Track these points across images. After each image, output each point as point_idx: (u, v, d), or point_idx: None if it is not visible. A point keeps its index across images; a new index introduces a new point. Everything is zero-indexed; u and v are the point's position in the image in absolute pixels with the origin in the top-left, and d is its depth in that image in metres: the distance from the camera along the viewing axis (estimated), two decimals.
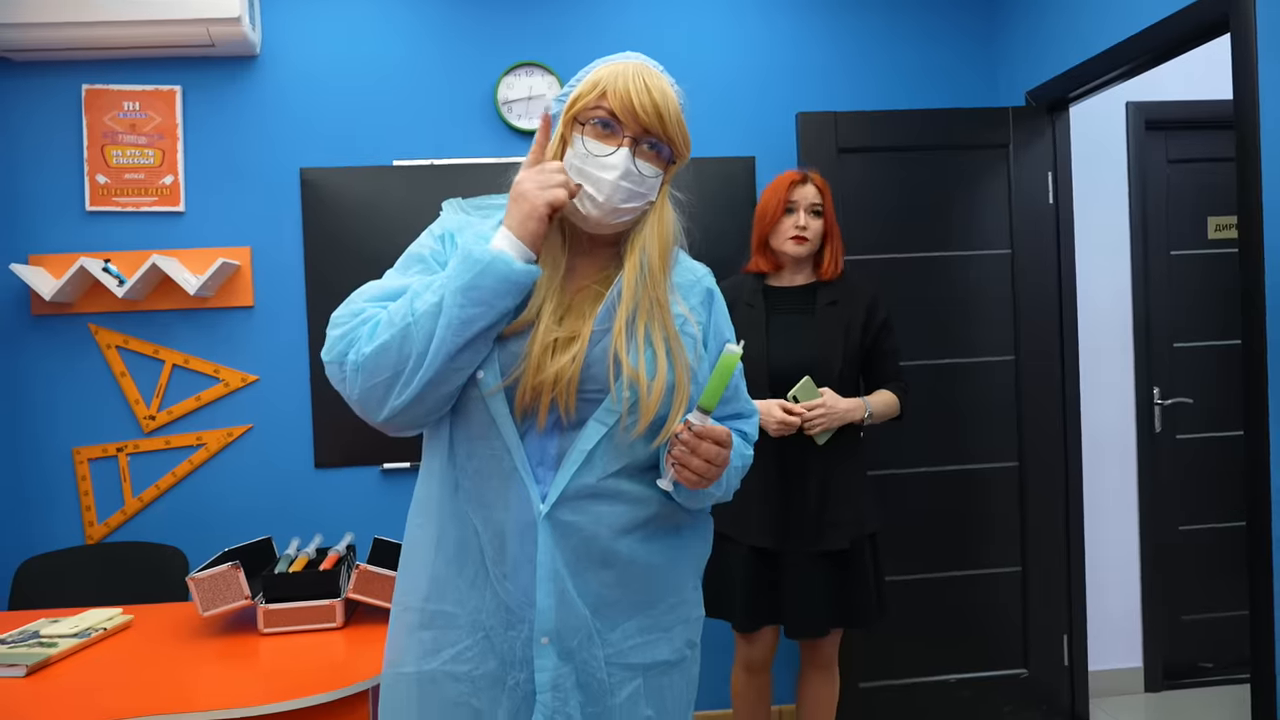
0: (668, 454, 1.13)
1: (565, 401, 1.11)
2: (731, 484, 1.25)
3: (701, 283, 1.26)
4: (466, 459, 1.14)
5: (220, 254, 2.78)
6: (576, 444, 1.12)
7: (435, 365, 1.06)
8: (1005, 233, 2.82)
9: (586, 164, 1.12)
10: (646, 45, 2.96)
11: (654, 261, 1.16)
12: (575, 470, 1.11)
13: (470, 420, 1.13)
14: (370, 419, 1.12)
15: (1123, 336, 3.12)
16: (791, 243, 2.17)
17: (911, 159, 2.80)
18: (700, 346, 1.21)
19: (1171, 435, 3.16)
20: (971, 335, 2.83)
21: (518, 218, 1.09)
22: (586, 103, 1.14)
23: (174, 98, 2.80)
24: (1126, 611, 3.13)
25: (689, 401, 1.15)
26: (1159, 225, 3.17)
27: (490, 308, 1.06)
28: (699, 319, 1.22)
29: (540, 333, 1.11)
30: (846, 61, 3.01)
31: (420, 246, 1.19)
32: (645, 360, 1.13)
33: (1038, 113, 2.81)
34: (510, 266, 1.07)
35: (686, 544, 1.25)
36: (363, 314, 1.12)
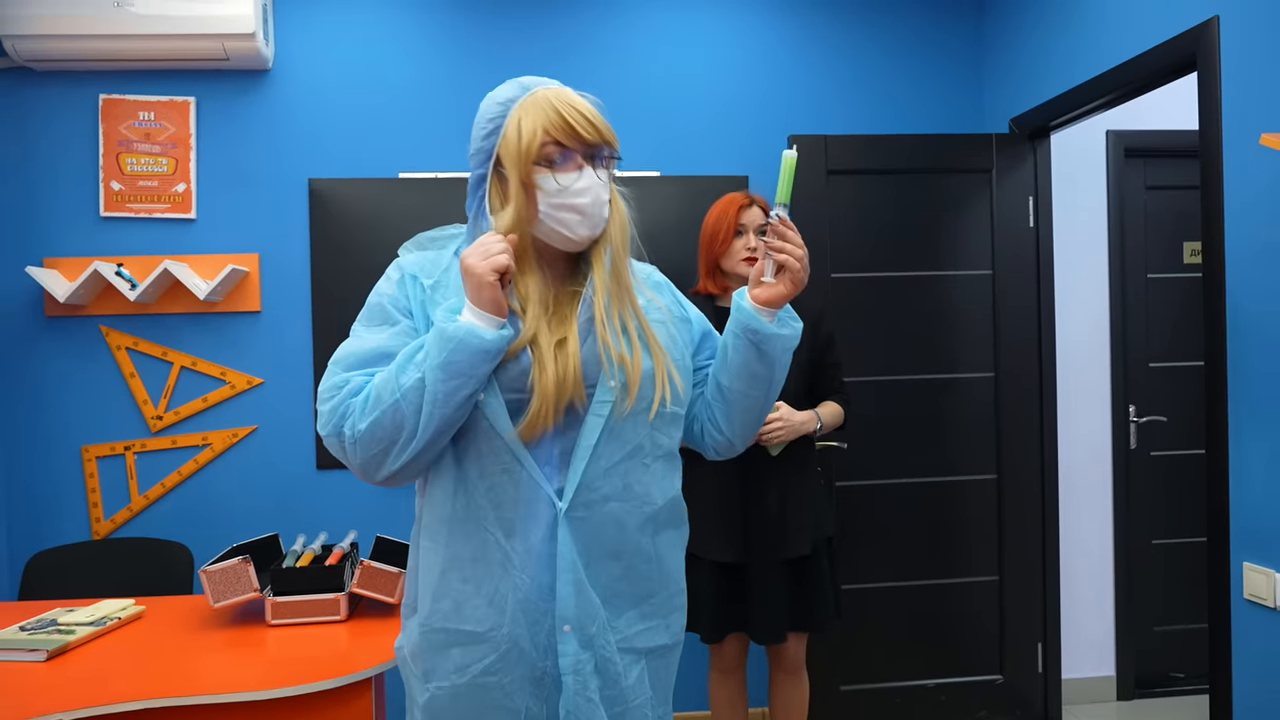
0: (763, 252, 1.23)
1: (580, 398, 1.19)
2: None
3: (651, 278, 1.35)
4: (479, 478, 1.20)
5: (230, 260, 2.87)
6: (580, 440, 1.20)
7: (428, 433, 1.15)
8: (987, 254, 2.94)
9: (564, 197, 1.19)
10: (647, 65, 3.09)
11: (618, 253, 1.24)
12: (585, 466, 1.20)
13: (478, 442, 1.20)
14: (370, 481, 1.21)
15: (1100, 356, 3.23)
16: (744, 264, 2.23)
17: (898, 181, 2.91)
18: (667, 326, 1.29)
19: (1146, 452, 3.27)
20: (953, 352, 2.94)
21: (472, 291, 1.16)
22: (532, 145, 1.20)
23: (188, 109, 2.90)
24: (1100, 621, 3.24)
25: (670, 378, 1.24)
26: (1136, 249, 3.29)
27: (470, 377, 1.14)
28: (658, 304, 1.30)
29: (543, 348, 1.20)
30: (839, 86, 3.12)
31: (379, 296, 1.24)
32: (625, 345, 1.22)
33: (1020, 139, 2.93)
34: (481, 338, 1.14)
35: (678, 539, 1.34)
36: (348, 384, 1.17)
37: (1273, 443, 1.97)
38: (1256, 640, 2.02)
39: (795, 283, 1.24)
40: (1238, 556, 2.07)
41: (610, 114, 1.27)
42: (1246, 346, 2.03)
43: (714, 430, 1.35)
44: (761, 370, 1.27)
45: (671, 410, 1.26)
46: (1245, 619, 2.05)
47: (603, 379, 1.21)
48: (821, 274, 2.83)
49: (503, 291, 1.17)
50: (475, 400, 1.17)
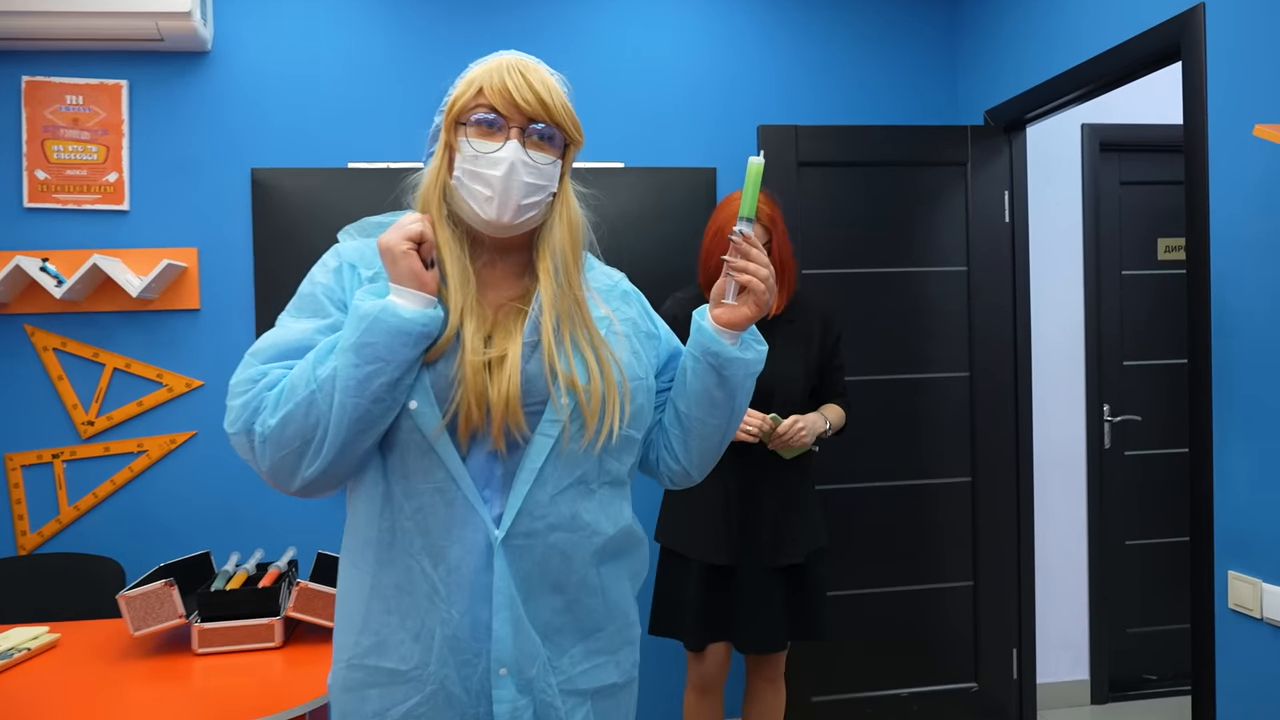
0: (725, 271, 1.13)
1: (515, 422, 1.07)
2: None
3: (619, 286, 1.23)
4: (405, 498, 1.08)
5: (165, 255, 2.69)
6: (525, 462, 1.08)
7: (343, 431, 1.02)
8: (962, 250, 2.85)
9: (477, 165, 1.07)
10: (612, 51, 2.95)
11: (568, 262, 1.13)
12: (528, 490, 1.08)
13: (406, 456, 1.07)
14: (283, 489, 1.07)
15: (1075, 354, 3.16)
16: None
17: (871, 174, 2.81)
18: (630, 341, 1.17)
19: (1120, 451, 3.22)
20: (927, 351, 2.85)
21: (390, 267, 1.05)
22: (465, 103, 1.10)
23: (120, 93, 2.71)
24: (1074, 625, 3.17)
25: (628, 400, 1.12)
26: (1111, 245, 3.23)
27: (387, 363, 1.01)
28: (625, 316, 1.19)
29: (467, 355, 1.07)
30: (810, 73, 3.01)
31: (312, 284, 1.12)
32: (577, 365, 1.10)
33: (995, 132, 2.84)
34: (399, 316, 1.02)
35: (628, 565, 1.22)
36: (264, 378, 1.05)
37: (1260, 445, 1.89)
38: (1241, 651, 1.95)
39: (759, 305, 1.14)
40: (1222, 564, 1.99)
41: (576, 104, 1.16)
42: (1232, 345, 1.96)
43: (669, 459, 1.24)
44: (722, 397, 1.17)
45: (627, 434, 1.14)
46: (1230, 629, 1.97)
47: (556, 396, 1.09)
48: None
49: (428, 268, 1.05)
50: (400, 399, 1.04)
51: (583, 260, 1.18)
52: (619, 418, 1.11)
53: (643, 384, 1.17)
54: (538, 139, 1.10)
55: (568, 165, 1.16)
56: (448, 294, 1.10)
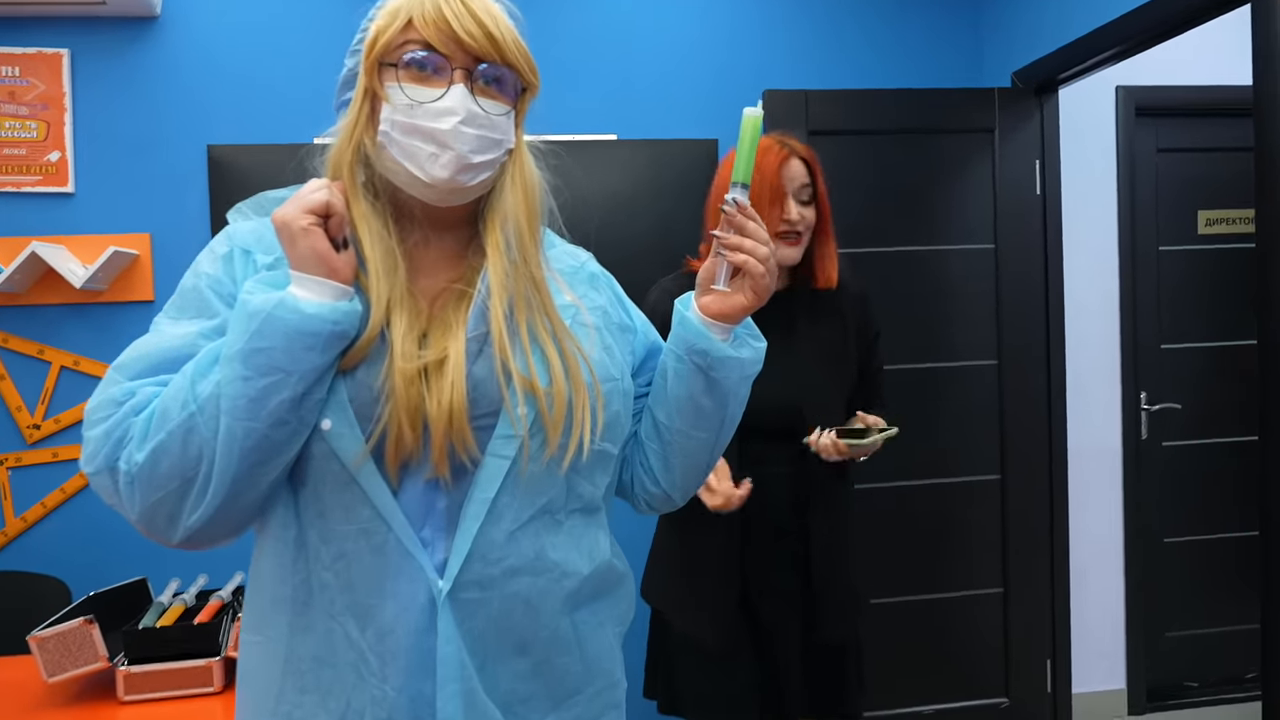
0: (714, 249, 0.93)
1: (461, 441, 0.85)
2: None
3: (585, 268, 1.03)
4: (322, 544, 0.85)
5: (113, 241, 2.45)
6: (474, 492, 0.86)
7: (233, 464, 0.79)
8: (989, 226, 2.60)
9: (414, 117, 0.85)
10: (600, 16, 2.70)
11: (523, 234, 0.91)
12: (479, 527, 0.85)
13: (321, 491, 0.85)
14: (161, 541, 0.83)
15: (1109, 338, 2.92)
16: (782, 245, 1.58)
17: (888, 143, 2.55)
18: (602, 335, 0.96)
19: (1158, 442, 2.98)
20: (952, 338, 2.61)
21: (289, 249, 0.82)
22: (390, 39, 0.86)
23: (60, 63, 2.46)
24: (1110, 630, 2.95)
25: (600, 406, 0.91)
26: (1147, 219, 2.98)
27: (287, 373, 0.78)
28: (593, 304, 0.98)
29: (397, 360, 0.84)
30: (819, 36, 2.75)
31: (195, 276, 0.89)
32: (536, 363, 0.88)
33: (1025, 95, 2.59)
34: (300, 312, 0.79)
35: (610, 608, 0.99)
36: (130, 399, 0.82)
37: None
38: None
39: (757, 291, 0.92)
40: None
41: (562, 69, 0.93)
42: None
43: (646, 479, 1.02)
44: (710, 405, 0.96)
45: (600, 448, 0.92)
46: None
47: (513, 405, 0.86)
48: None
49: (340, 249, 0.82)
50: (308, 419, 0.82)
51: (541, 233, 0.95)
52: (590, 429, 0.89)
53: (617, 386, 0.95)
54: (485, 83, 0.88)
55: (522, 115, 0.94)
56: (368, 282, 0.86)
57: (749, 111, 0.93)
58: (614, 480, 1.00)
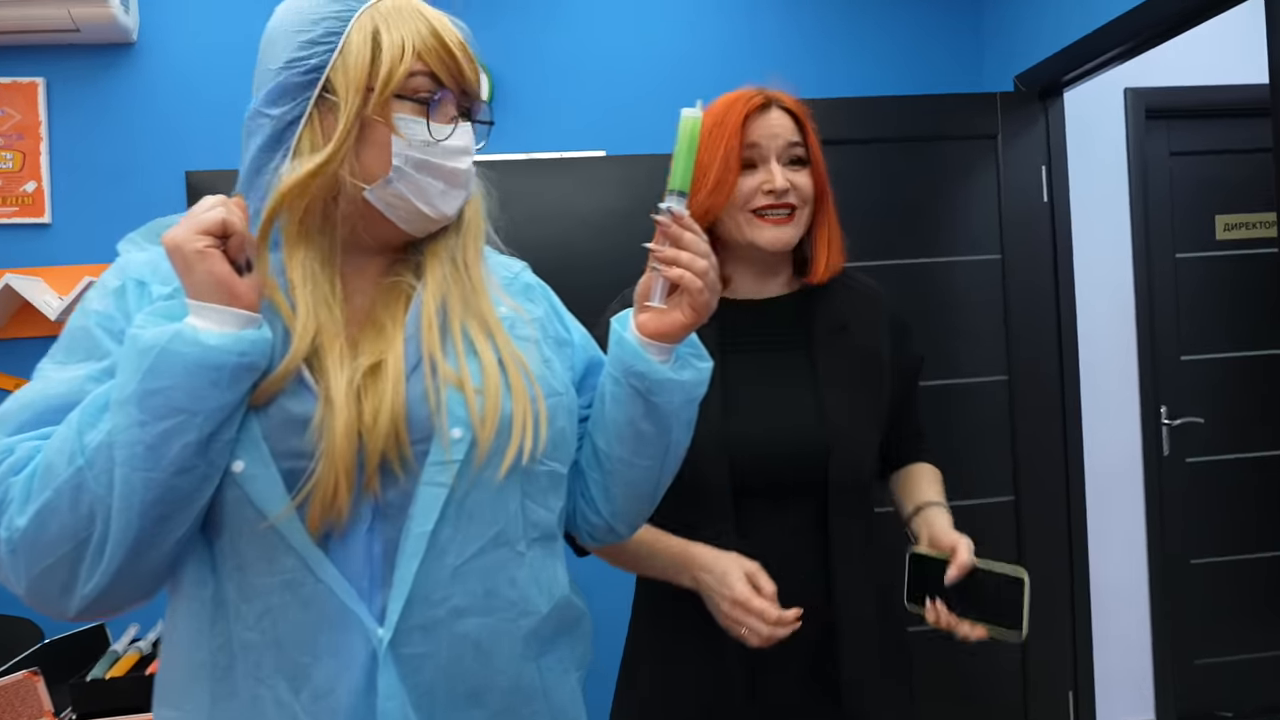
0: (650, 264, 0.87)
1: (399, 456, 0.78)
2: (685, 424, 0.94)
3: (520, 278, 0.97)
4: (243, 600, 0.76)
5: (89, 271, 2.39)
6: (411, 526, 0.77)
7: (133, 522, 0.70)
8: (995, 235, 2.49)
9: (433, 154, 0.82)
10: (590, 28, 2.62)
11: (470, 244, 0.89)
12: (419, 565, 0.77)
13: (238, 540, 0.76)
14: (58, 614, 0.75)
15: (1125, 350, 2.79)
16: (765, 225, 1.17)
17: (886, 152, 2.46)
18: (541, 347, 0.90)
19: (1181, 458, 2.84)
20: (958, 352, 2.49)
21: (184, 275, 0.74)
22: (398, 70, 0.80)
23: (36, 92, 2.41)
24: (1135, 657, 2.80)
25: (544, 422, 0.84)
26: (1162, 225, 2.86)
27: (190, 414, 0.70)
28: (530, 316, 0.93)
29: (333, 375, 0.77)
30: (809, 39, 2.66)
31: (85, 315, 0.80)
32: (470, 371, 0.81)
33: (1029, 98, 2.49)
34: (200, 344, 0.71)
35: (572, 650, 0.91)
36: (9, 457, 0.73)
37: None
38: None
39: (696, 308, 0.86)
40: None
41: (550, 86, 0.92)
42: None
43: (588, 509, 0.96)
44: (651, 430, 0.89)
45: (549, 468, 0.86)
46: None
47: (437, 428, 0.79)
48: None
49: (243, 272, 0.75)
50: (218, 463, 0.74)
51: (482, 243, 0.92)
52: (532, 441, 0.82)
53: (561, 401, 0.89)
54: (472, 114, 0.87)
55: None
56: (288, 308, 0.79)
57: (687, 113, 0.87)
58: (566, 506, 0.93)
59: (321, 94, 0.81)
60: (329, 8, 0.82)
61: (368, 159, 0.81)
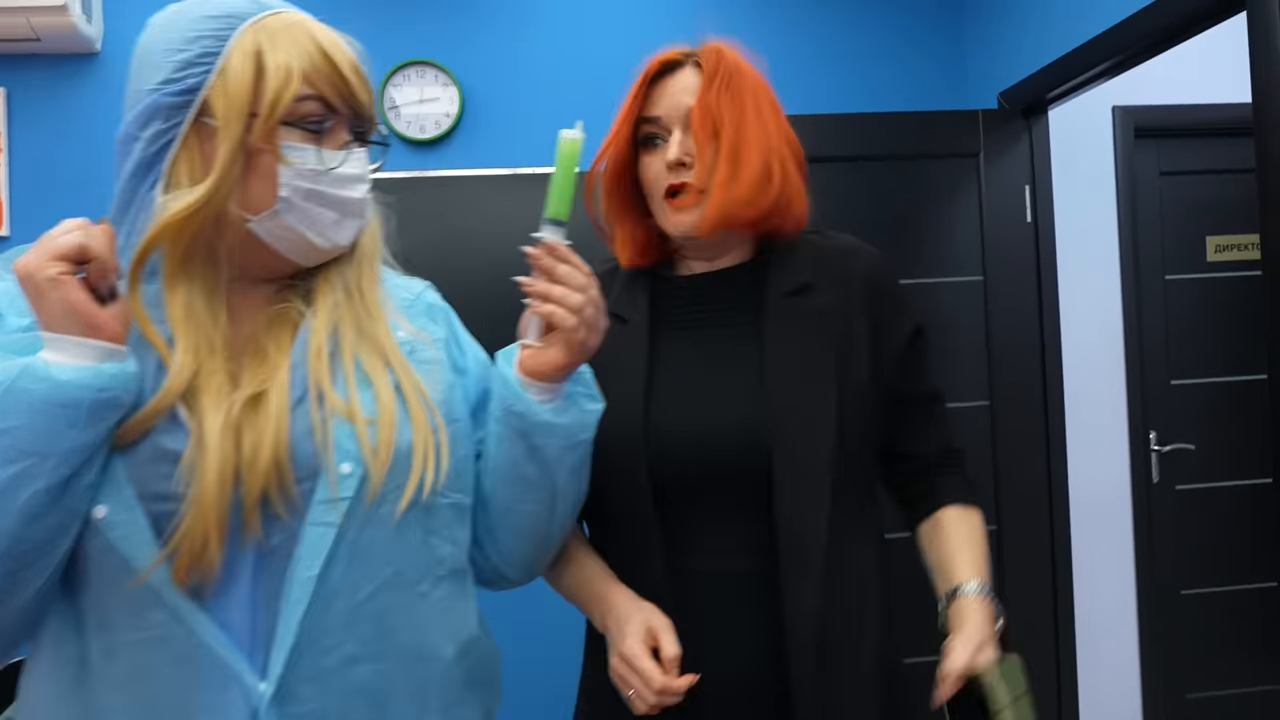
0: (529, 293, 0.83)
1: (283, 496, 0.73)
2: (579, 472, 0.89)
3: (422, 299, 0.93)
4: (109, 660, 0.70)
5: None
6: (295, 571, 0.72)
7: None
8: (977, 255, 2.43)
9: (324, 183, 0.78)
10: (568, 43, 2.57)
11: (366, 270, 0.85)
12: (305, 612, 0.71)
13: (105, 593, 0.71)
14: None
15: (1113, 374, 2.72)
16: (669, 207, 0.98)
17: (866, 170, 2.40)
18: (445, 371, 0.87)
19: (1171, 485, 2.76)
20: (939, 375, 2.41)
21: (36, 305, 0.69)
22: (286, 94, 0.75)
23: None
24: (1124, 691, 2.71)
25: (445, 450, 0.80)
26: (1152, 246, 2.79)
27: (42, 456, 0.65)
28: (435, 337, 0.89)
29: (208, 411, 0.71)
30: (790, 55, 2.61)
31: None
32: (362, 397, 0.77)
33: (1012, 116, 2.43)
34: (49, 379, 0.66)
35: (481, 699, 0.85)
36: None
37: None
38: None
39: (572, 347, 0.81)
40: None
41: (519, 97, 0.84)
42: None
43: (475, 551, 0.91)
44: (535, 473, 0.85)
45: (454, 500, 0.83)
46: None
47: (325, 463, 0.75)
48: None
49: (106, 301, 0.70)
50: (77, 509, 0.68)
51: (379, 267, 0.88)
52: (434, 473, 0.78)
53: (461, 429, 0.85)
54: (363, 138, 0.83)
55: None
56: (160, 338, 0.74)
57: (566, 134, 0.82)
58: (470, 535, 0.88)
59: (199, 118, 0.75)
60: (207, 25, 0.76)
61: (253, 189, 0.76)
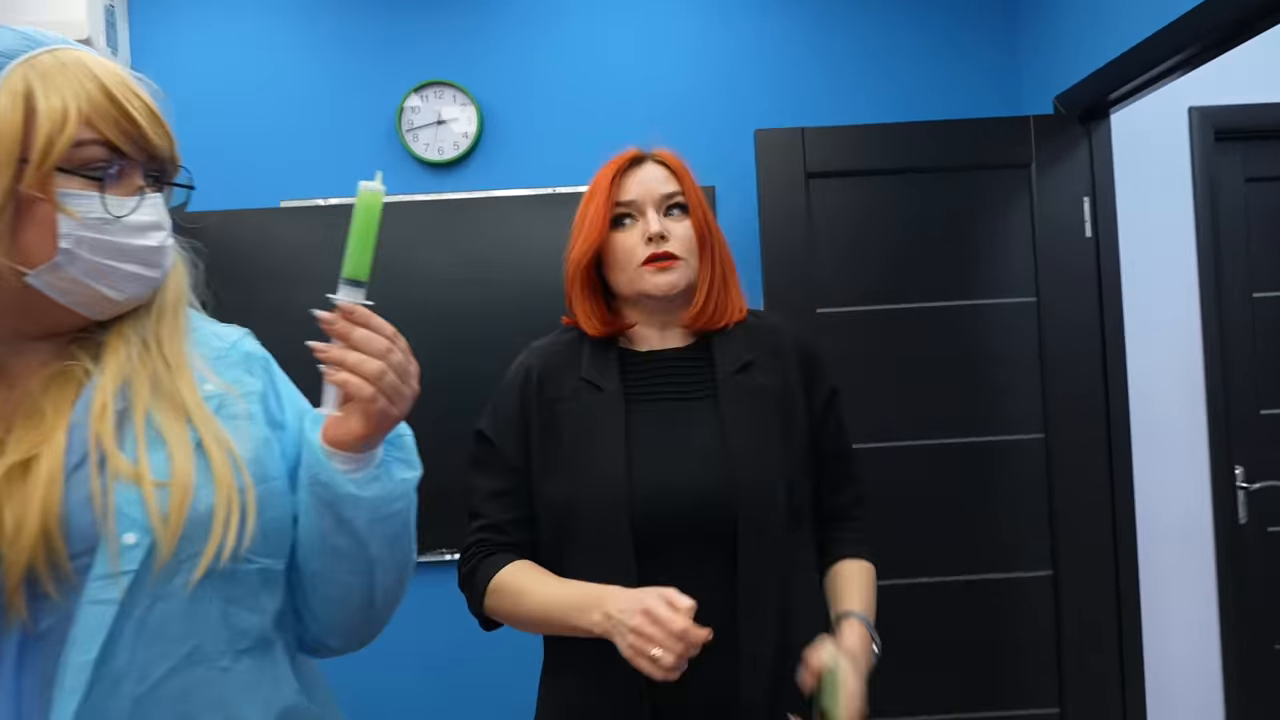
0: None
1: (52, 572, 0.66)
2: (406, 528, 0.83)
3: (237, 348, 0.86)
4: None
5: None
6: (69, 655, 0.65)
7: None
8: (1029, 275, 2.22)
9: (111, 233, 0.72)
10: (588, 59, 2.48)
11: (167, 320, 0.79)
12: (82, 701, 0.65)
13: None
14: None
15: (1190, 403, 2.46)
16: (649, 272, 1.15)
17: (904, 184, 2.22)
18: (258, 425, 0.80)
19: (1261, 527, 2.48)
20: (987, 407, 2.22)
21: None
22: (61, 138, 0.69)
23: None
24: None
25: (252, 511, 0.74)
26: (1236, 260, 2.52)
27: None
28: (247, 390, 0.82)
29: None
30: (827, 68, 2.46)
31: None
32: (153, 463, 0.71)
33: (1068, 122, 2.21)
34: None
35: None
36: None
37: None
38: None
39: (369, 417, 0.73)
40: None
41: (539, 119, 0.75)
42: None
43: (295, 618, 0.85)
44: (347, 545, 0.78)
45: (262, 565, 0.77)
46: None
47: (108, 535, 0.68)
48: (806, 309, 2.17)
49: None
50: None
51: (184, 315, 0.83)
52: (237, 540, 0.72)
53: (274, 488, 0.79)
54: (159, 181, 0.78)
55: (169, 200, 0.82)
56: None
57: (365, 186, 0.73)
58: (283, 606, 0.80)
59: None
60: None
61: (28, 240, 0.69)
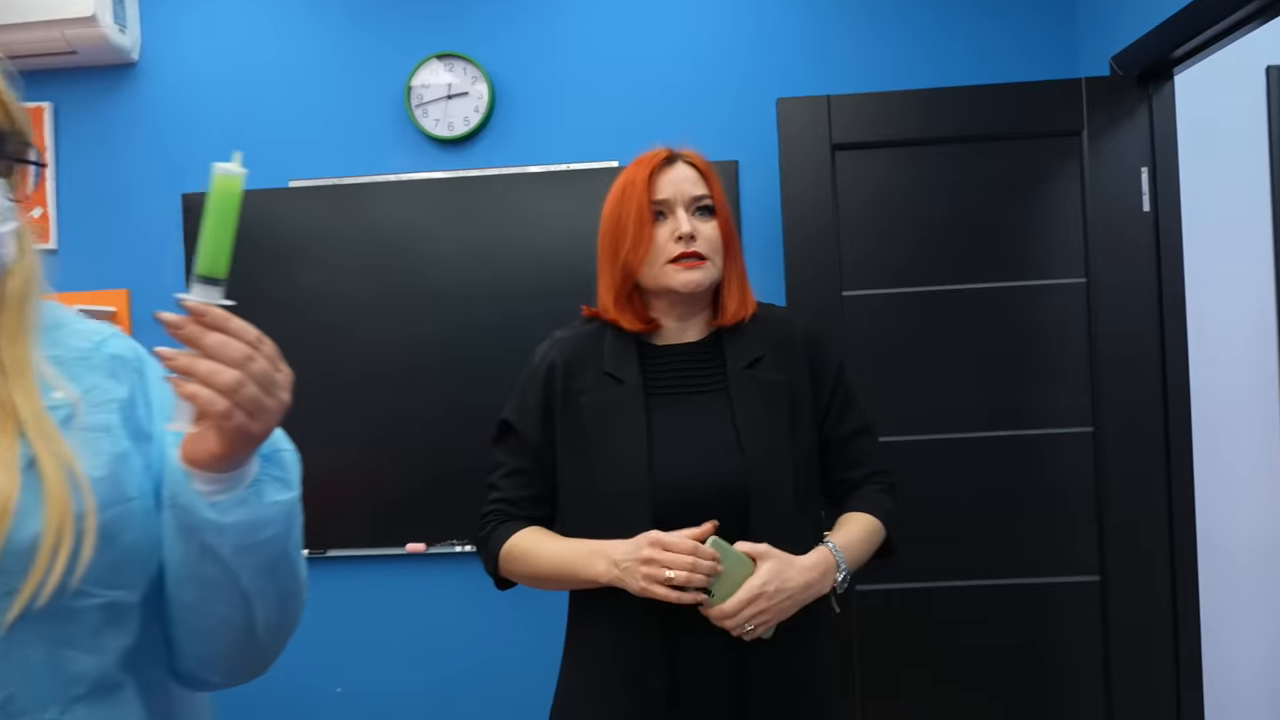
0: None
1: None
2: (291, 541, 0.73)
3: (102, 349, 0.77)
4: None
5: (87, 299, 2.34)
6: None
7: None
8: (1079, 253, 2.03)
9: None
10: (600, 30, 2.35)
11: (15, 314, 0.71)
12: None
13: None
14: None
15: (1264, 397, 2.23)
16: (679, 270, 1.23)
17: (936, 156, 2.05)
18: (116, 438, 0.72)
19: None
20: (1030, 398, 2.04)
21: None
22: None
23: (43, 116, 2.39)
24: None
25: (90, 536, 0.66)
26: None
27: None
28: (108, 396, 0.74)
29: None
30: (852, 30, 2.28)
31: None
32: None
33: (1125, 85, 2.01)
34: None
35: None
36: None
37: None
38: None
39: (225, 434, 0.64)
40: None
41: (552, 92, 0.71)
42: None
43: (169, 650, 0.77)
44: (216, 574, 0.69)
45: (108, 599, 0.69)
46: None
47: None
48: (832, 292, 2.02)
49: None
50: None
51: (34, 313, 0.73)
52: (67, 572, 0.64)
53: (133, 508, 0.71)
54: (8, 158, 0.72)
55: (23, 188, 0.75)
56: None
57: (221, 169, 0.66)
58: (140, 641, 0.72)
59: None
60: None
61: None
